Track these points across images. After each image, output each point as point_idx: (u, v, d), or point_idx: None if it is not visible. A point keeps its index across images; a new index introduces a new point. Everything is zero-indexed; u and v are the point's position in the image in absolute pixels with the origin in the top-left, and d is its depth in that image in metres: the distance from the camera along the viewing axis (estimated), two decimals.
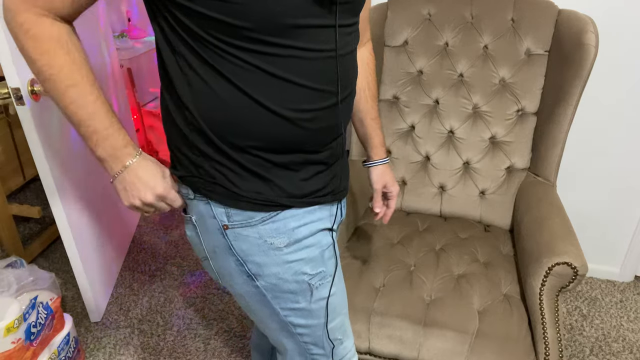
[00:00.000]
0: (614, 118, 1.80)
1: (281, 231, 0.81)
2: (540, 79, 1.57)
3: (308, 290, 0.86)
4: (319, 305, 0.89)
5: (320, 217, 0.86)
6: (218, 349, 1.74)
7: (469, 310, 1.27)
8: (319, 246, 0.86)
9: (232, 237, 0.81)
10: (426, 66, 1.64)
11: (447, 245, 1.49)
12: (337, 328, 0.94)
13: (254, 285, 0.85)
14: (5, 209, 1.99)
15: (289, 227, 0.82)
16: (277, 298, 0.86)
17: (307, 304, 0.87)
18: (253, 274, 0.84)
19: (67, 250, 1.67)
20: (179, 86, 0.74)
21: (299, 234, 0.83)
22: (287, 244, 0.82)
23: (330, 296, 0.90)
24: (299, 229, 0.83)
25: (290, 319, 0.89)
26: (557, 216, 1.36)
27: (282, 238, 0.82)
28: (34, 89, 1.40)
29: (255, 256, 0.82)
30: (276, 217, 0.81)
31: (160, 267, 2.15)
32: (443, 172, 1.66)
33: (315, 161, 0.82)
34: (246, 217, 0.79)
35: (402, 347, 1.23)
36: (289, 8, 0.67)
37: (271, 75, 0.71)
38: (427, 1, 1.62)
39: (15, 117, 2.32)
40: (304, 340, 0.92)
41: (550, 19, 1.53)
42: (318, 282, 0.87)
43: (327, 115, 0.79)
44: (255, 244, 0.81)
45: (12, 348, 1.31)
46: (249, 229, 0.80)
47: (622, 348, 1.75)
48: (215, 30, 0.68)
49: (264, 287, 0.85)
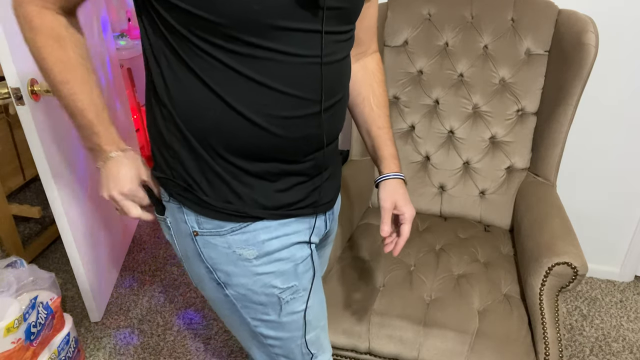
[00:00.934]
0: (614, 118, 1.80)
1: (251, 243, 0.79)
2: (540, 79, 1.57)
3: (277, 303, 0.83)
4: (290, 318, 0.85)
5: (296, 230, 0.83)
6: (218, 349, 1.74)
7: (469, 310, 1.27)
8: (291, 260, 0.82)
9: (202, 244, 0.79)
10: (426, 66, 1.64)
11: (447, 245, 1.49)
12: (312, 342, 0.90)
13: (223, 294, 0.83)
14: (5, 209, 1.99)
15: (259, 239, 0.79)
16: (247, 308, 0.84)
17: (277, 317, 0.85)
18: (222, 282, 0.82)
19: (67, 250, 1.67)
20: (158, 84, 0.74)
21: (269, 247, 0.80)
22: (256, 256, 0.79)
23: (304, 310, 0.86)
24: (270, 242, 0.80)
25: (260, 329, 0.86)
26: (557, 216, 1.36)
27: (251, 250, 0.79)
28: (34, 89, 1.40)
29: (224, 265, 0.80)
30: (246, 229, 0.78)
31: (160, 267, 2.15)
32: (443, 172, 1.66)
33: (293, 172, 0.78)
34: (215, 225, 0.78)
35: (402, 347, 1.23)
36: (269, 8, 0.64)
37: (246, 78, 0.69)
38: (427, 1, 1.62)
39: (15, 117, 2.32)
40: (275, 351, 0.89)
41: (550, 19, 1.53)
42: (289, 297, 0.84)
43: (306, 124, 0.75)
44: (224, 254, 0.79)
45: (12, 348, 1.31)
46: (217, 238, 0.78)
47: (622, 348, 1.75)
48: (194, 27, 0.66)
49: (233, 296, 0.83)
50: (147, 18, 0.72)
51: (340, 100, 0.80)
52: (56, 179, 1.54)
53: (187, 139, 0.74)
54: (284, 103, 0.71)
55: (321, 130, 0.77)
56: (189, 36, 0.67)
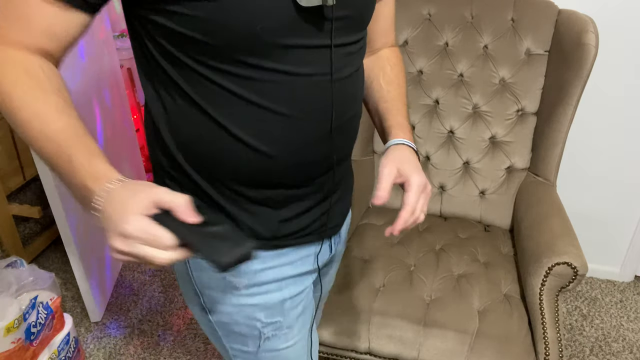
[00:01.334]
0: (614, 118, 1.80)
1: (242, 272, 0.74)
2: (540, 79, 1.56)
3: (257, 337, 0.79)
4: (268, 355, 0.81)
5: (294, 260, 0.77)
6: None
7: (469, 310, 1.27)
8: (281, 294, 0.77)
9: (194, 266, 0.75)
10: (426, 66, 1.64)
11: (447, 245, 1.49)
12: None
13: (207, 319, 0.80)
14: (5, 209, 1.99)
15: (252, 268, 0.74)
16: (227, 337, 0.80)
17: (255, 350, 0.80)
18: (207, 308, 0.78)
19: (67, 250, 1.67)
20: (152, 106, 0.68)
21: (261, 278, 0.75)
22: (245, 285, 0.75)
23: (285, 349, 0.82)
24: (263, 272, 0.75)
25: (237, 359, 0.83)
26: (557, 216, 1.36)
27: (242, 279, 0.74)
28: None
29: (212, 290, 0.76)
30: None
31: (160, 267, 2.15)
32: (443, 172, 1.66)
33: (300, 197, 0.73)
34: None
35: (402, 347, 1.23)
36: (272, 25, 0.58)
37: (248, 102, 0.63)
38: (427, 1, 1.62)
39: None
40: None
41: (550, 19, 1.53)
42: (271, 332, 0.79)
43: (315, 147, 0.69)
44: (215, 278, 0.75)
45: (12, 348, 1.31)
46: None
47: (622, 348, 1.75)
48: (191, 50, 0.60)
49: (216, 322, 0.79)
50: (139, 41, 0.65)
51: (353, 118, 0.74)
52: (56, 179, 1.54)
53: (182, 168, 0.69)
54: (291, 127, 0.65)
55: (330, 152, 0.71)
56: (186, 60, 0.61)
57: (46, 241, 2.25)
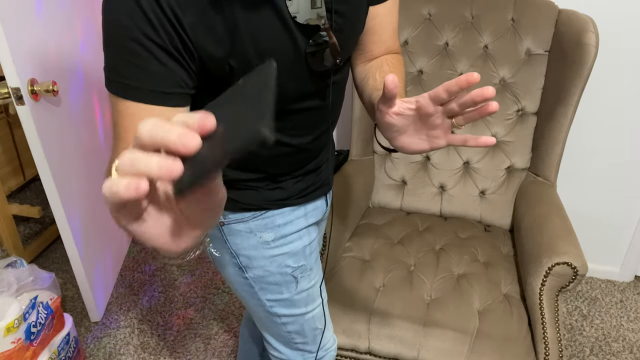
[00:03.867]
0: (614, 118, 1.80)
1: (269, 227, 0.88)
2: (541, 79, 1.56)
3: (293, 281, 0.93)
4: (300, 296, 0.95)
5: (305, 213, 0.92)
6: (218, 349, 1.74)
7: (469, 310, 1.27)
8: (301, 242, 0.93)
9: (227, 232, 0.88)
10: (426, 66, 1.64)
11: (447, 245, 1.49)
12: (318, 317, 1.01)
13: (243, 277, 0.92)
14: (5, 209, 1.99)
15: (276, 223, 0.89)
16: (263, 290, 0.93)
17: (290, 295, 0.94)
18: (243, 266, 0.91)
19: (67, 250, 1.67)
20: None
21: (284, 230, 0.90)
22: (273, 239, 0.89)
23: (310, 287, 0.97)
24: (285, 226, 0.90)
25: (275, 309, 0.96)
26: (557, 216, 1.36)
27: (269, 233, 0.89)
28: (34, 89, 1.39)
29: (246, 250, 0.89)
30: (265, 215, 0.88)
31: (160, 267, 2.15)
32: (443, 172, 1.66)
33: (299, 174, 0.89)
34: (239, 215, 0.87)
35: (402, 347, 1.23)
36: (285, 95, 0.73)
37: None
38: (427, 1, 1.62)
39: (15, 117, 2.32)
40: (287, 329, 0.99)
41: (551, 19, 1.53)
42: (299, 274, 0.94)
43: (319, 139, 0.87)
44: (247, 238, 0.88)
45: (12, 348, 1.31)
46: (241, 225, 0.87)
47: (622, 348, 1.75)
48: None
49: (252, 278, 0.92)
50: None
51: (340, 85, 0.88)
52: (56, 179, 1.54)
53: None
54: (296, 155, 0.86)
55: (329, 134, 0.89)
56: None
57: (46, 241, 2.25)
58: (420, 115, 0.63)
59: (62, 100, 1.58)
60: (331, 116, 0.86)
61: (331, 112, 0.85)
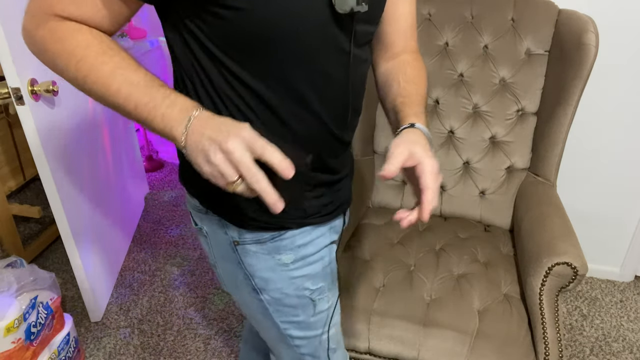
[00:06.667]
0: (614, 118, 1.80)
1: (288, 248, 0.82)
2: (541, 79, 1.56)
3: (310, 304, 0.88)
4: (317, 318, 0.90)
5: (323, 232, 0.86)
6: (218, 349, 1.74)
7: (469, 310, 1.27)
8: (322, 262, 0.87)
9: (242, 252, 0.82)
10: (426, 66, 1.63)
11: (447, 245, 1.49)
12: (333, 337, 0.96)
13: (258, 299, 0.87)
14: (5, 209, 1.99)
15: (296, 244, 0.82)
16: (278, 312, 0.88)
17: (307, 317, 0.89)
18: (259, 288, 0.85)
19: (67, 250, 1.67)
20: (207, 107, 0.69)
21: (305, 251, 0.84)
22: (293, 260, 0.83)
23: (327, 309, 0.91)
24: (305, 246, 0.83)
25: (289, 331, 0.91)
26: (557, 216, 1.36)
27: (289, 255, 0.82)
28: (34, 89, 1.40)
29: (262, 272, 0.83)
30: (285, 235, 0.81)
31: (160, 267, 2.15)
32: (443, 172, 1.66)
33: (325, 179, 0.82)
34: (256, 235, 0.80)
35: (402, 347, 1.23)
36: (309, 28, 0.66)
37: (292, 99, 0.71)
38: (427, 1, 1.62)
39: (15, 117, 2.32)
40: (301, 351, 0.94)
41: (550, 19, 1.53)
42: (317, 297, 0.88)
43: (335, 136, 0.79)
44: (264, 260, 0.82)
45: (12, 348, 1.31)
46: (258, 246, 0.81)
47: (622, 348, 1.75)
48: (233, 51, 0.66)
49: (267, 300, 0.86)
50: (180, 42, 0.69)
51: (358, 110, 0.83)
52: (56, 179, 1.54)
53: None
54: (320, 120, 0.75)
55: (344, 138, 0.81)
56: (227, 62, 0.67)
57: (46, 241, 2.25)
58: None
59: (62, 100, 1.58)
60: (351, 99, 0.77)
61: (351, 92, 0.77)
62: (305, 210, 0.81)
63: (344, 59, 0.72)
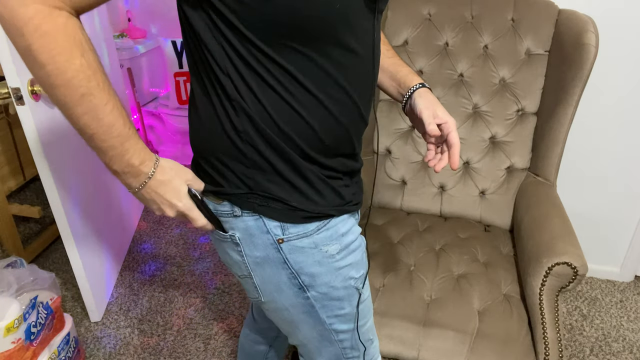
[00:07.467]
0: (614, 118, 1.80)
1: (334, 238, 0.82)
2: (541, 79, 1.57)
3: (355, 293, 0.87)
4: (361, 307, 0.90)
5: (354, 222, 0.88)
6: (218, 349, 1.74)
7: (469, 310, 1.27)
8: (361, 249, 0.87)
9: (288, 250, 0.79)
10: (426, 66, 1.64)
11: (447, 245, 1.49)
12: (370, 328, 0.95)
13: (304, 297, 0.84)
14: (5, 209, 1.99)
15: (340, 232, 0.82)
16: (325, 307, 0.86)
17: (352, 308, 0.88)
18: (305, 286, 0.83)
19: (67, 250, 1.67)
20: (231, 94, 0.71)
21: (347, 239, 0.84)
22: (339, 250, 0.83)
23: (368, 297, 0.92)
24: (347, 234, 0.84)
25: (334, 326, 0.89)
26: (557, 216, 1.36)
27: (335, 245, 0.82)
28: (34, 89, 1.40)
29: (309, 267, 0.81)
30: (329, 224, 0.81)
31: (160, 267, 2.15)
32: (443, 171, 1.66)
33: (350, 167, 0.84)
34: (302, 228, 0.79)
35: (402, 347, 1.23)
36: (346, 7, 0.67)
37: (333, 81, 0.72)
38: (427, 1, 1.62)
39: (15, 117, 2.32)
40: (343, 346, 0.92)
41: (551, 19, 1.53)
42: (360, 284, 0.88)
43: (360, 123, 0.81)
44: (311, 254, 0.80)
45: (12, 348, 1.31)
46: (304, 240, 0.79)
47: (622, 348, 1.75)
48: (271, 35, 0.66)
49: (314, 297, 0.84)
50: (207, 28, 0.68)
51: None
52: (56, 179, 1.54)
53: (274, 145, 0.73)
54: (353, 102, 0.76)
55: (364, 125, 0.82)
56: (263, 46, 0.67)
57: (46, 241, 2.25)
58: None
59: None
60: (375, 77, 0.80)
61: (375, 70, 0.79)
62: (342, 196, 0.81)
63: (370, 36, 0.74)
